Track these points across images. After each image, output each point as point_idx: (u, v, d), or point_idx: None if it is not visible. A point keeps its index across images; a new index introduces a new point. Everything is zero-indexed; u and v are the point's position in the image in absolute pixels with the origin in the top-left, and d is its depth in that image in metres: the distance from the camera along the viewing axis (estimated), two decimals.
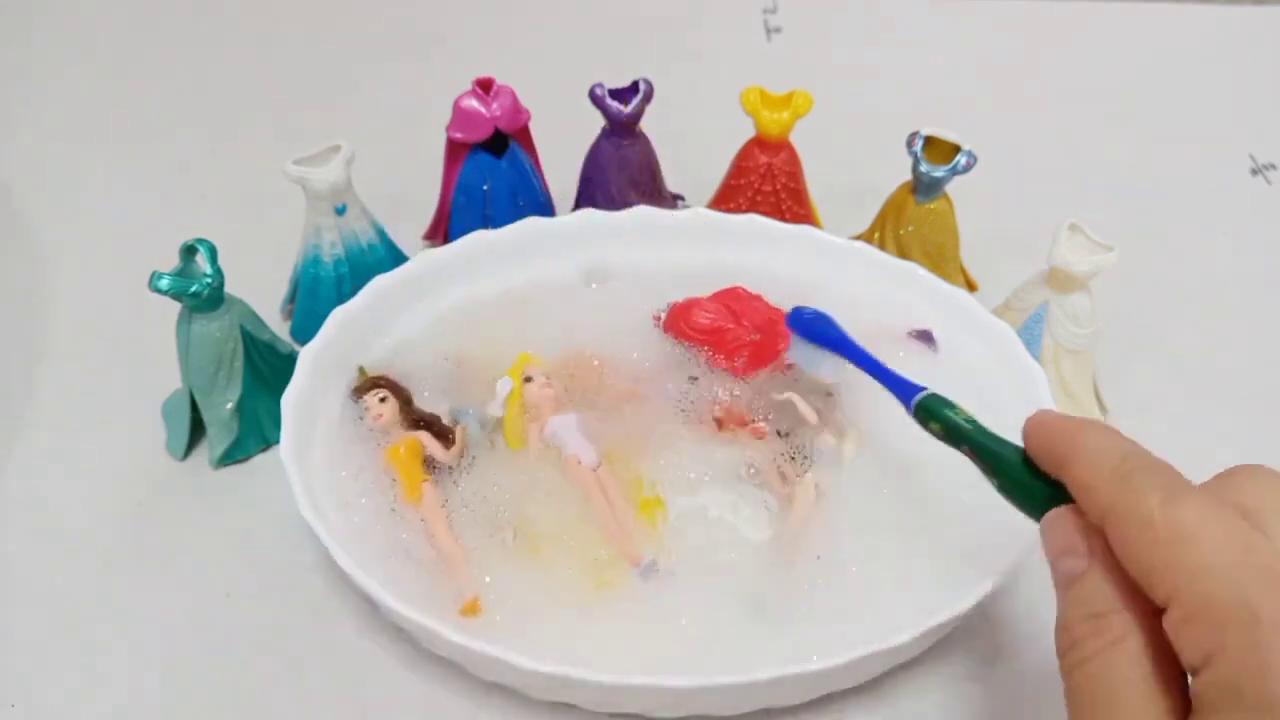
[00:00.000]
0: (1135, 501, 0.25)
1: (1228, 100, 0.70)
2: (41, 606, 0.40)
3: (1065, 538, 0.27)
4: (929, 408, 0.35)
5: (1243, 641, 0.22)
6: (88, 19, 0.75)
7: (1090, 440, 0.28)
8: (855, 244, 0.48)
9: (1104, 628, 0.25)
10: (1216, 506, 0.25)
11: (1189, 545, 0.24)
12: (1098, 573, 0.26)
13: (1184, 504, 0.25)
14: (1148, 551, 0.24)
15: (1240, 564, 0.23)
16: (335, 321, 0.43)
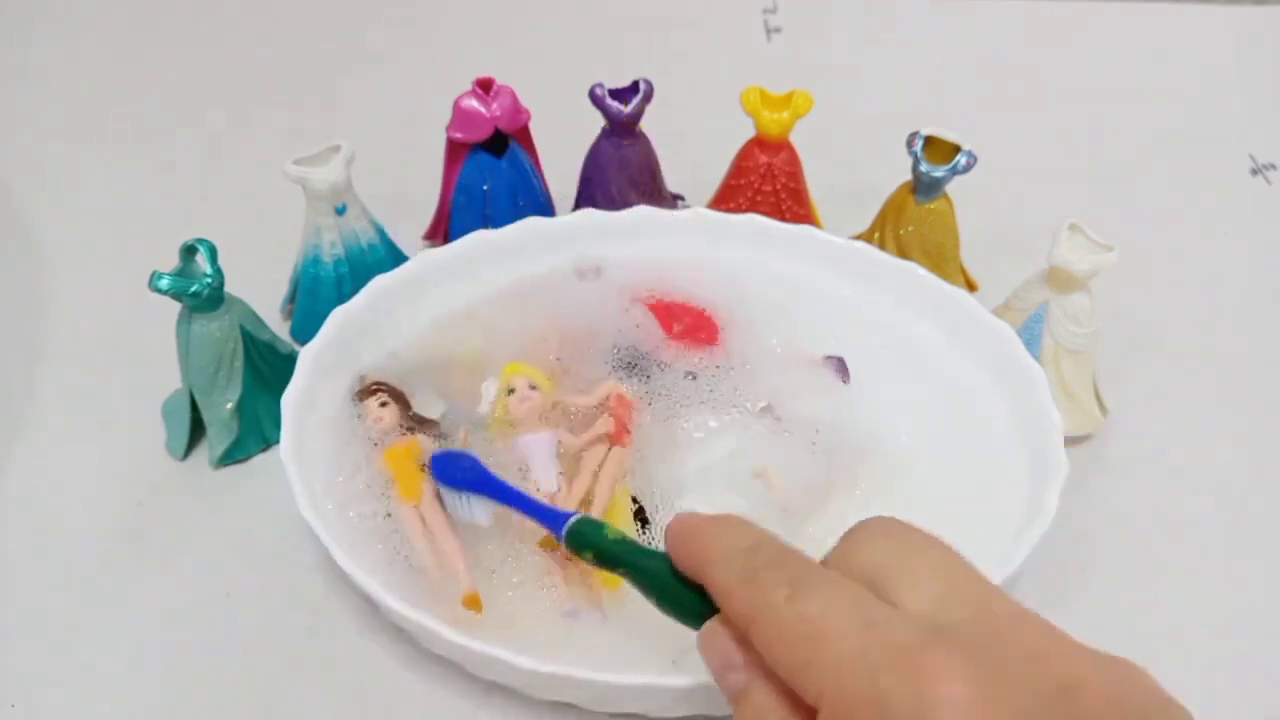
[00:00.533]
0: (764, 602, 0.25)
1: (1228, 100, 0.70)
2: (41, 606, 0.40)
3: (721, 652, 0.27)
4: (580, 534, 0.33)
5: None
6: (88, 19, 0.75)
7: (721, 539, 0.27)
8: (855, 244, 0.48)
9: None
10: (839, 588, 0.25)
11: (818, 641, 0.23)
12: (758, 685, 0.26)
13: (808, 596, 0.24)
14: (786, 654, 0.24)
15: (866, 650, 0.23)
16: (335, 321, 0.43)
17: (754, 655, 0.26)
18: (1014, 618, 0.24)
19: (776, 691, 0.25)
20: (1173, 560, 0.43)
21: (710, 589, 0.27)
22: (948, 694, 0.21)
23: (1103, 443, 0.47)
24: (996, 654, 0.23)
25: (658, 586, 0.30)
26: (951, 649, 0.22)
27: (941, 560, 0.26)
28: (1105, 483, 0.45)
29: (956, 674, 0.22)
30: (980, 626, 0.24)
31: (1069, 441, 0.40)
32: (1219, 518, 0.44)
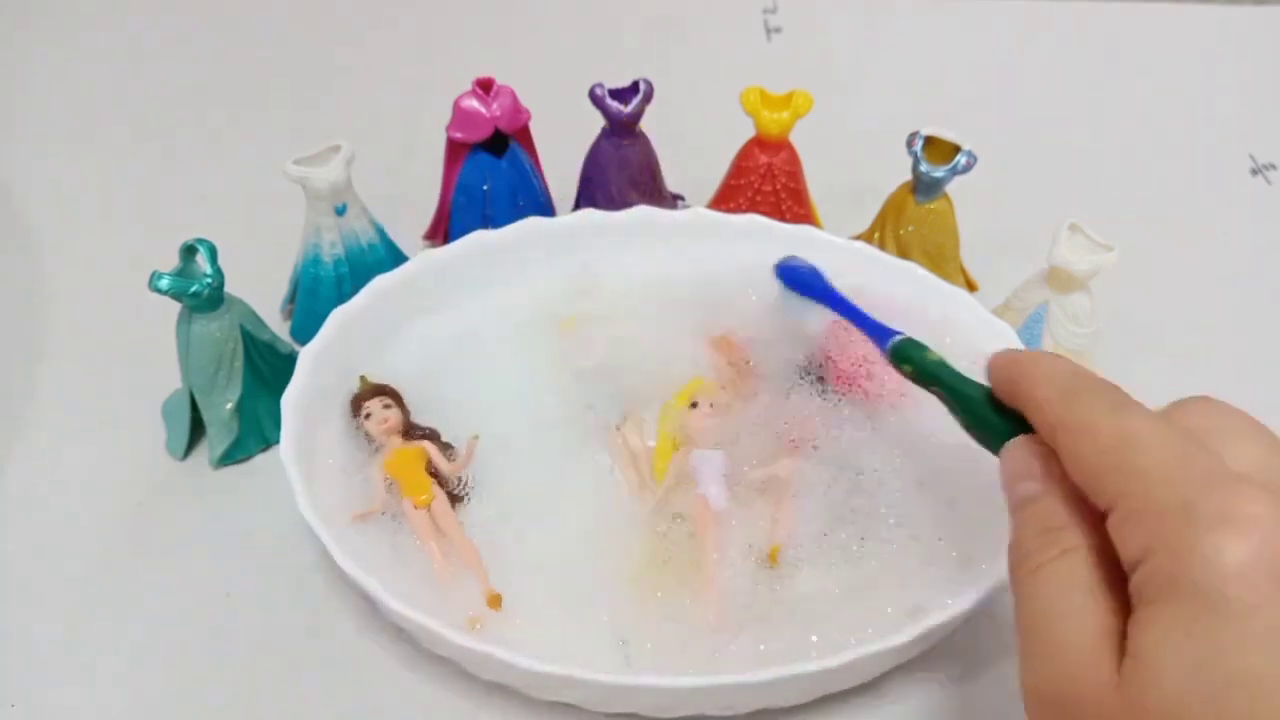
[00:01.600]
0: (1082, 414, 0.26)
1: (1228, 100, 0.70)
2: (41, 606, 0.40)
3: (1021, 463, 0.28)
4: (903, 350, 0.36)
5: (1178, 535, 0.23)
6: (88, 19, 0.75)
7: (1043, 365, 0.29)
8: (855, 244, 0.48)
9: (1055, 540, 0.26)
10: (1160, 420, 0.26)
11: (1131, 452, 0.25)
12: (1052, 493, 0.27)
13: (1129, 415, 0.26)
14: (1093, 459, 0.25)
15: (1178, 466, 0.24)
16: (335, 321, 0.43)
17: (1053, 469, 0.27)
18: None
19: (1066, 501, 0.26)
20: None
21: (1027, 404, 0.29)
22: (1254, 512, 0.22)
23: None
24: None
25: (971, 406, 0.32)
26: (1265, 490, 0.23)
27: (1262, 435, 0.26)
28: None
29: (1266, 505, 0.22)
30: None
31: None
32: None
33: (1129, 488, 0.24)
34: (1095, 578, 0.25)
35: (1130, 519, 0.24)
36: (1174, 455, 0.24)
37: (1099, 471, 0.25)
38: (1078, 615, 0.24)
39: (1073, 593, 0.25)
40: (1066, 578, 0.25)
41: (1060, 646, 0.24)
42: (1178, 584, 0.22)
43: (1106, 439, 0.25)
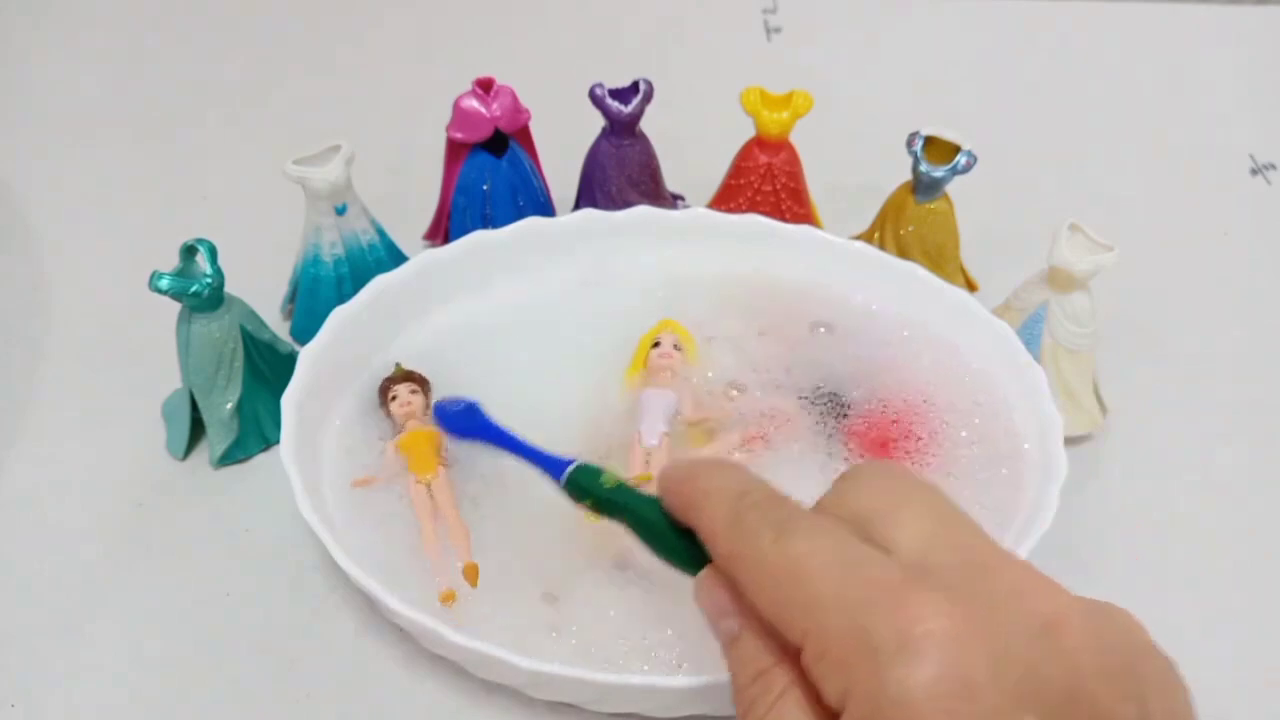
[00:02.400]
0: (750, 544, 0.25)
1: (1228, 100, 0.70)
2: (41, 606, 0.40)
3: (715, 599, 0.27)
4: (577, 481, 0.33)
5: (866, 677, 0.22)
6: (88, 19, 0.75)
7: (711, 483, 0.27)
8: (855, 244, 0.48)
9: (769, 683, 0.25)
10: (825, 530, 0.25)
11: (802, 583, 0.23)
12: (750, 630, 0.26)
13: (793, 537, 0.24)
14: (770, 594, 0.24)
15: (848, 586, 0.23)
16: (335, 321, 0.43)
17: (744, 604, 0.26)
18: (1000, 560, 0.25)
19: (765, 637, 0.25)
20: (1173, 560, 0.43)
21: (700, 533, 0.27)
22: (929, 629, 0.21)
23: (1103, 443, 0.47)
24: (981, 592, 0.23)
25: (654, 534, 0.30)
26: (935, 587, 0.22)
27: (931, 504, 0.26)
28: (1105, 483, 0.45)
29: (939, 609, 0.22)
30: (966, 568, 0.24)
31: (1069, 441, 0.40)
32: (1219, 517, 0.44)
33: (808, 623, 0.23)
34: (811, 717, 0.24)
35: (819, 659, 0.23)
36: (840, 577, 0.23)
37: (778, 608, 0.24)
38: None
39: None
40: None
41: None
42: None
43: (776, 571, 0.24)
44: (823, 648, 0.23)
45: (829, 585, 0.23)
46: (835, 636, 0.23)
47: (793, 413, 0.43)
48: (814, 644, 0.23)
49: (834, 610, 0.23)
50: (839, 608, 0.23)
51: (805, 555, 0.24)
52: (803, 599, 0.23)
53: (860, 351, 0.46)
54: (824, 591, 0.23)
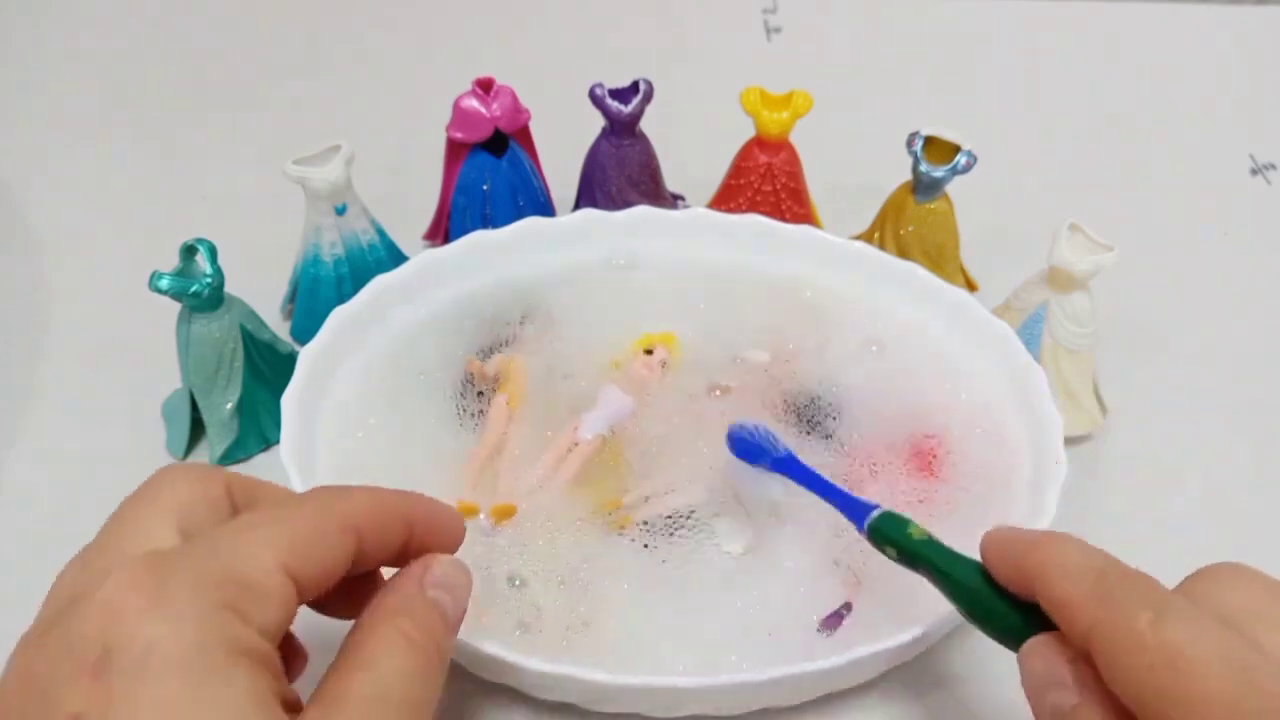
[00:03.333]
0: (1121, 621, 0.24)
1: (1228, 100, 0.70)
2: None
3: (1050, 669, 0.26)
4: (882, 530, 0.32)
5: None
6: (87, 18, 0.75)
7: (1060, 554, 0.27)
8: (855, 244, 0.48)
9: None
10: (1208, 623, 0.24)
11: (1186, 673, 0.23)
12: (1090, 707, 0.25)
13: (1173, 622, 0.23)
14: (1142, 677, 0.23)
15: (1241, 693, 0.22)
16: (335, 321, 0.43)
17: (1086, 676, 0.25)
18: None
19: (1106, 713, 0.24)
20: (1173, 560, 0.42)
21: (1050, 602, 0.26)
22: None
23: (1103, 443, 0.47)
24: None
25: (970, 595, 0.29)
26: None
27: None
28: (1105, 483, 0.45)
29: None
30: None
31: (1069, 441, 0.40)
32: (1219, 517, 0.44)
33: (1184, 715, 0.22)
34: None
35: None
36: (1232, 676, 0.22)
37: (1150, 694, 0.23)
38: None
39: None
40: None
41: None
42: None
43: (1153, 654, 0.23)
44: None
45: (1218, 685, 0.22)
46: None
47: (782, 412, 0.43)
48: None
49: (1223, 712, 0.22)
50: (1229, 712, 0.22)
51: (1190, 645, 0.23)
52: (1186, 693, 0.23)
53: (860, 351, 0.46)
54: (1212, 690, 0.22)
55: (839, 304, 0.47)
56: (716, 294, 0.48)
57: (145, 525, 0.26)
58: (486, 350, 0.45)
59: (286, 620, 0.25)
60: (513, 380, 0.43)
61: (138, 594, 0.23)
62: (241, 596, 0.24)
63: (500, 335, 0.46)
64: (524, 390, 0.43)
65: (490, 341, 0.45)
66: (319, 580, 0.26)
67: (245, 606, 0.24)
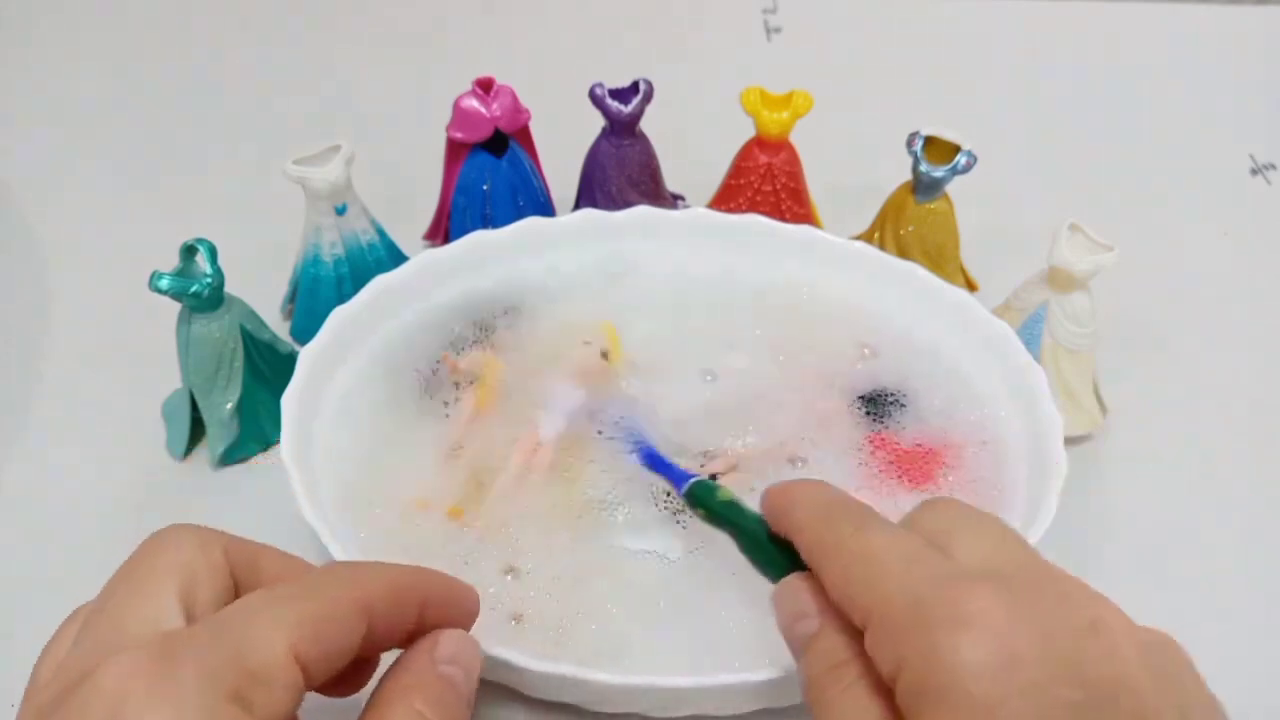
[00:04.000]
0: (833, 534, 0.28)
1: (1228, 100, 0.70)
2: (41, 607, 0.40)
3: (795, 602, 0.29)
4: (695, 493, 0.36)
5: (918, 642, 0.23)
6: (88, 18, 0.75)
7: (805, 491, 0.30)
8: (855, 244, 0.48)
9: (842, 674, 0.26)
10: (900, 532, 0.27)
11: (874, 565, 0.26)
12: (829, 627, 0.27)
13: (870, 532, 0.27)
14: (844, 577, 0.26)
15: (911, 573, 0.25)
16: (335, 321, 0.43)
17: (826, 604, 0.28)
18: (1055, 573, 0.26)
19: (843, 634, 0.27)
20: (1173, 560, 0.43)
21: (790, 531, 0.30)
22: (981, 606, 0.23)
23: (1103, 443, 0.47)
24: (1032, 592, 0.24)
25: (753, 542, 0.32)
26: (990, 582, 0.24)
27: (994, 529, 0.27)
28: (1105, 483, 0.45)
29: (991, 594, 0.23)
30: (1020, 573, 0.25)
31: (1069, 441, 0.40)
32: (1219, 517, 0.44)
33: (872, 602, 0.25)
34: (880, 707, 0.25)
35: (878, 634, 0.25)
36: (904, 561, 0.25)
37: (848, 592, 0.26)
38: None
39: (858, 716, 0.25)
40: (854, 703, 0.25)
41: None
42: (928, 692, 0.23)
43: (849, 557, 0.27)
44: (882, 622, 0.25)
45: (894, 568, 0.25)
46: (894, 611, 0.24)
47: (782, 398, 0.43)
48: (875, 620, 0.25)
49: (896, 589, 0.25)
50: (900, 587, 0.25)
51: (879, 546, 0.26)
52: (869, 579, 0.26)
53: (859, 351, 0.46)
54: (890, 572, 0.25)
55: (838, 304, 0.47)
56: (713, 295, 0.48)
57: (148, 598, 0.26)
58: (468, 344, 0.45)
59: (293, 707, 0.25)
60: (485, 380, 0.43)
61: (143, 682, 0.23)
62: (248, 686, 0.24)
63: (482, 332, 0.46)
64: (494, 390, 0.43)
65: (473, 337, 0.45)
66: (328, 665, 0.26)
67: (252, 696, 0.24)
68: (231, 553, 0.28)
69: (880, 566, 0.26)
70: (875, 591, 0.25)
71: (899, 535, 0.27)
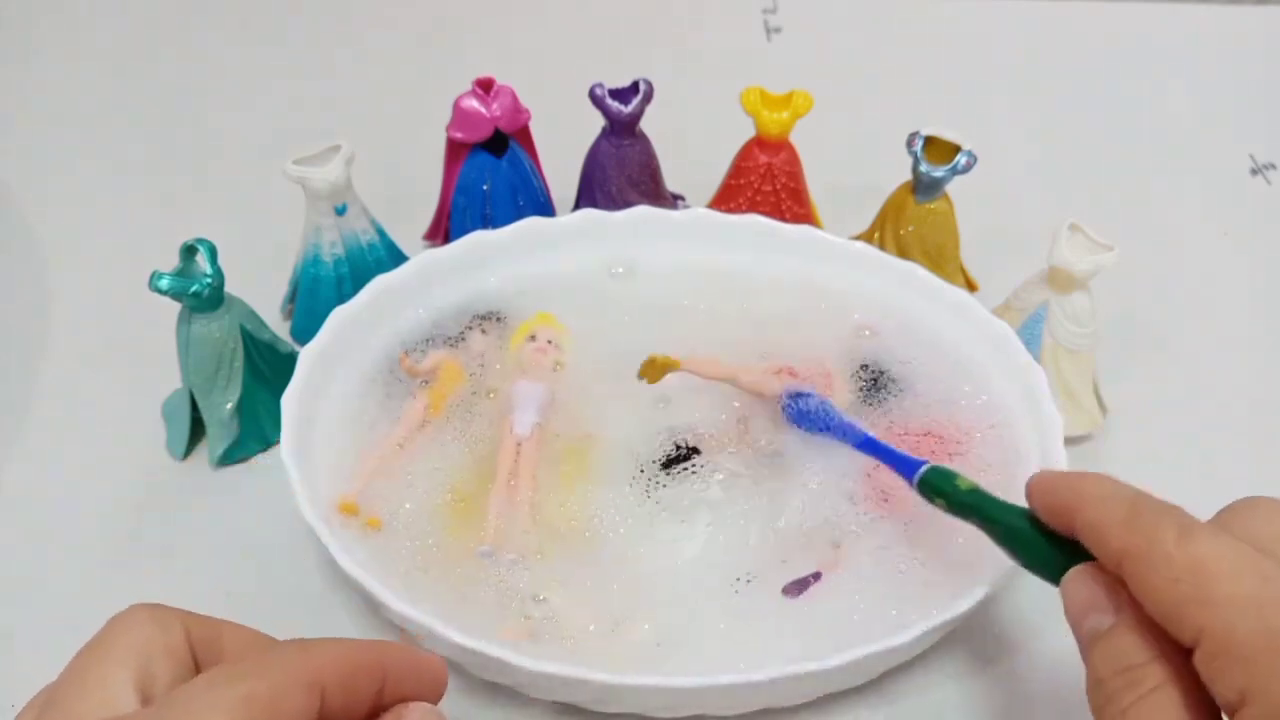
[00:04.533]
0: (1150, 540, 0.25)
1: (1228, 100, 0.70)
2: (41, 606, 0.40)
3: (1088, 594, 0.27)
4: (932, 482, 0.34)
5: (1273, 677, 0.22)
6: (87, 18, 0.75)
7: (1095, 487, 0.28)
8: (855, 244, 0.48)
9: (1139, 678, 0.25)
10: (1230, 539, 0.25)
11: (1209, 580, 0.24)
12: (1126, 625, 0.26)
13: (1198, 539, 0.25)
14: (1169, 590, 0.25)
15: (1262, 594, 0.23)
16: (335, 321, 0.43)
17: (1122, 598, 0.26)
18: None
19: (1142, 632, 0.25)
20: None
21: (1084, 531, 0.28)
22: None
23: (1103, 443, 0.47)
24: None
25: (1015, 535, 0.31)
26: None
27: None
28: None
29: None
30: None
31: (1069, 441, 0.40)
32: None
33: (1212, 621, 0.23)
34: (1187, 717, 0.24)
35: (1219, 657, 0.23)
36: (1254, 581, 0.24)
37: (1176, 603, 0.24)
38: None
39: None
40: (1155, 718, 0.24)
41: None
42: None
43: (1180, 567, 0.24)
44: (1224, 645, 0.23)
45: (1239, 587, 0.24)
46: (1242, 635, 0.23)
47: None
48: (1213, 641, 0.23)
49: (1245, 612, 0.23)
50: (1252, 611, 0.23)
51: (1213, 556, 0.24)
52: (1208, 597, 0.24)
53: (859, 351, 0.46)
54: (1233, 592, 0.24)
55: (838, 304, 0.47)
56: (712, 296, 0.48)
57: (100, 684, 0.26)
58: (434, 344, 0.45)
59: None
60: (440, 382, 0.43)
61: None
62: None
63: (450, 333, 0.46)
64: (447, 395, 0.43)
65: (443, 337, 0.45)
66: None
67: None
68: (192, 630, 0.27)
69: (1220, 584, 0.24)
70: (1216, 611, 0.23)
71: (1232, 545, 0.25)
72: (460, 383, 0.44)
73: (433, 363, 0.44)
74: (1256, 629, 0.23)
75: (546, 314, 0.46)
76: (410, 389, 0.43)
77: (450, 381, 0.43)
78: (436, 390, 0.43)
